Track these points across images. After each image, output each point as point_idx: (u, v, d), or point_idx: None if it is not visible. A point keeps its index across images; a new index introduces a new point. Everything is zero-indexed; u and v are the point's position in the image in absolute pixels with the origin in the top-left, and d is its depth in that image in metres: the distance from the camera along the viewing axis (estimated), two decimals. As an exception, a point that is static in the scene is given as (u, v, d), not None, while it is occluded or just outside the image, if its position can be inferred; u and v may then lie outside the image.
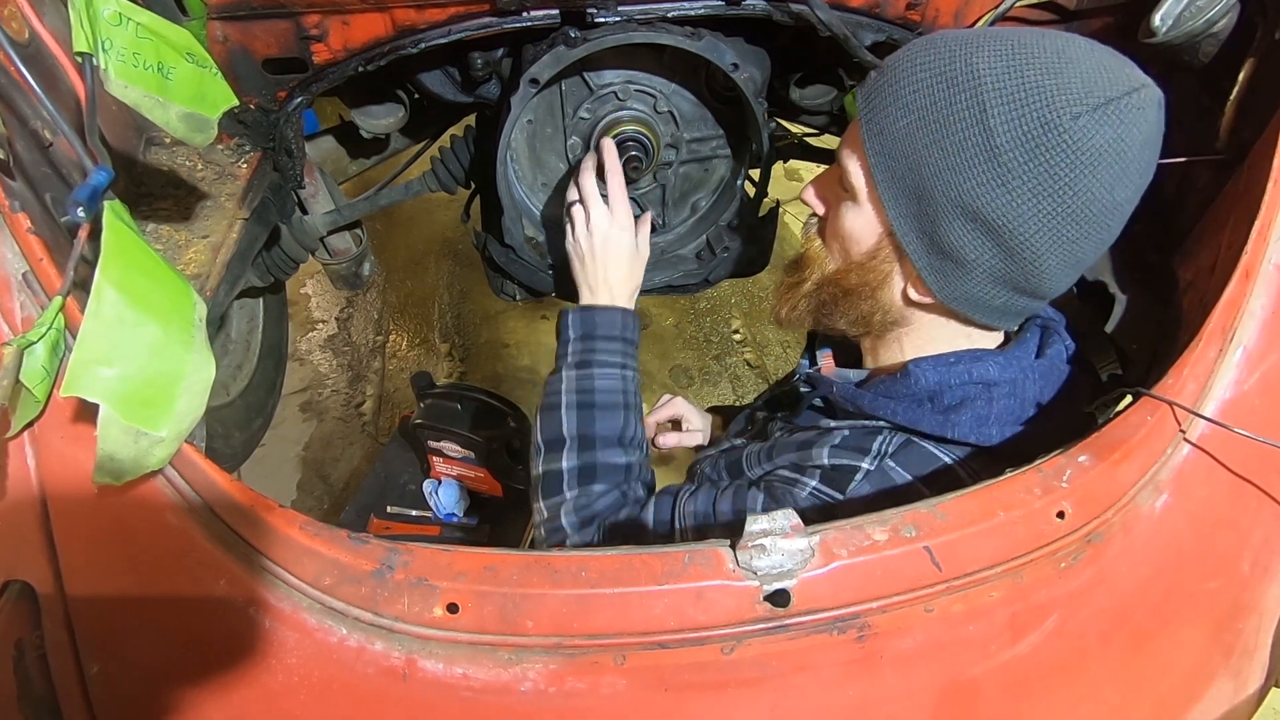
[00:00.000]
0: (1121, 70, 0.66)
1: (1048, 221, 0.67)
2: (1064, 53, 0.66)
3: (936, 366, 0.77)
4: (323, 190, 1.25)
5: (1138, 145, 0.65)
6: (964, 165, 0.67)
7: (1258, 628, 0.74)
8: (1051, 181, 0.65)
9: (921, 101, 0.69)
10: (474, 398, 1.86)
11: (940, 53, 0.69)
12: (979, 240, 0.70)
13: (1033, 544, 0.65)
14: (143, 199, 0.92)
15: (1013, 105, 0.65)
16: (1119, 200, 0.67)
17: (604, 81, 1.14)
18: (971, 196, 0.68)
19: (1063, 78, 0.64)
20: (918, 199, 0.71)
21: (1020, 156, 0.65)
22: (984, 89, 0.66)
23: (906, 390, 0.78)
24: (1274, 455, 0.71)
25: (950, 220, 0.70)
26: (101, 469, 0.57)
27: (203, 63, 0.72)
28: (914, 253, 0.74)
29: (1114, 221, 0.69)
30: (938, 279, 0.74)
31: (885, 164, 0.72)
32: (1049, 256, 0.69)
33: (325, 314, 3.13)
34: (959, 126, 0.67)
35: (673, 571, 0.61)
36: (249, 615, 0.61)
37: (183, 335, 0.62)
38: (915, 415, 0.76)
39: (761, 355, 3.09)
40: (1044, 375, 0.77)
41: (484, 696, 0.60)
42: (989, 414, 0.75)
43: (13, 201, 0.61)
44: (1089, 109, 0.64)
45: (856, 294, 0.81)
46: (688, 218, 1.34)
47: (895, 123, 0.71)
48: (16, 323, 0.61)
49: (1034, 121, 0.64)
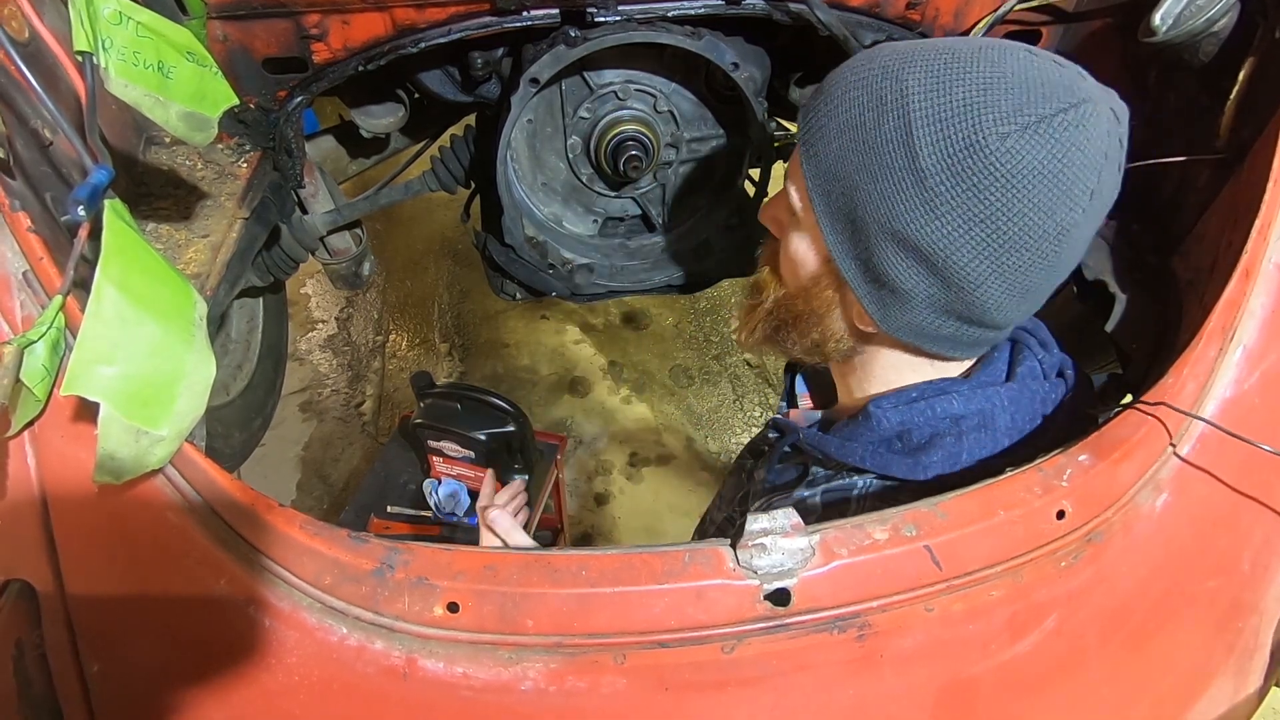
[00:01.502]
0: (1061, 84, 0.61)
1: (983, 250, 0.63)
2: (998, 66, 0.61)
3: (897, 405, 0.73)
4: (322, 190, 1.25)
5: (1079, 165, 0.60)
6: (892, 190, 0.64)
7: (1258, 627, 0.74)
8: (982, 207, 0.61)
9: (852, 122, 0.65)
10: (474, 397, 1.86)
11: (873, 70, 0.66)
12: (913, 269, 0.66)
13: (1033, 543, 0.65)
14: (143, 198, 0.92)
15: (938, 126, 0.61)
16: (1063, 224, 0.62)
17: (604, 81, 1.14)
18: (901, 223, 0.64)
19: (991, 94, 0.60)
20: (851, 225, 0.68)
21: (947, 181, 0.61)
22: (911, 109, 0.62)
23: (870, 434, 0.74)
24: (1274, 455, 0.71)
25: (883, 248, 0.66)
26: (102, 468, 0.57)
27: (203, 62, 0.72)
28: (852, 281, 0.70)
29: (1062, 247, 0.63)
30: (878, 308, 0.70)
31: (821, 188, 0.69)
32: (989, 285, 0.65)
33: (325, 314, 3.13)
34: (886, 149, 0.63)
35: (673, 570, 0.61)
36: (249, 614, 0.61)
37: (183, 334, 0.62)
38: (885, 461, 0.72)
39: (761, 355, 3.09)
40: (1014, 400, 0.72)
41: (484, 696, 0.60)
42: (960, 451, 0.70)
43: (13, 200, 0.61)
44: (1019, 128, 0.59)
45: (805, 321, 0.77)
46: (687, 217, 1.34)
47: (829, 145, 0.67)
48: (17, 322, 0.61)
49: (959, 143, 0.60)
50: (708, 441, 2.79)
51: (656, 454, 2.73)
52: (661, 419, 2.84)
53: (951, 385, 0.74)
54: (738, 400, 2.93)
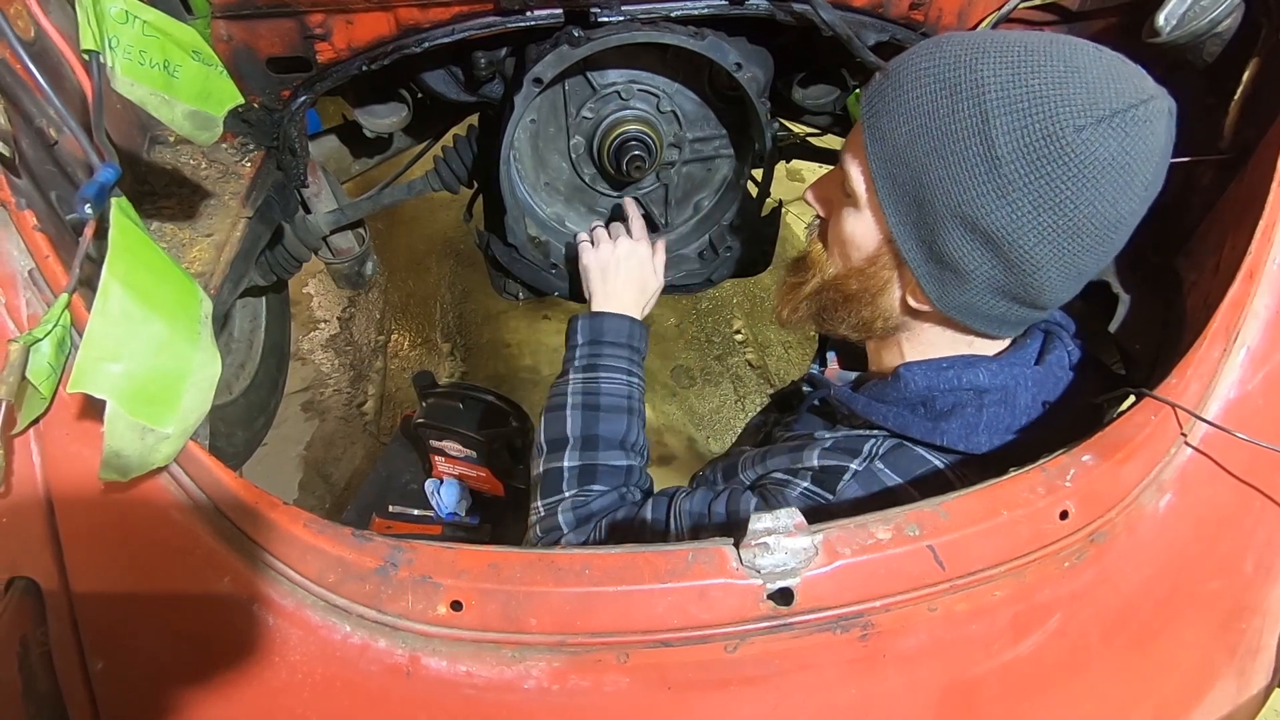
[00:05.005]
0: (1130, 80, 0.64)
1: (1048, 234, 0.66)
2: (1071, 61, 0.64)
3: (927, 371, 0.76)
4: (326, 189, 1.25)
5: (1144, 158, 0.64)
6: (964, 175, 0.66)
7: (1261, 628, 0.74)
8: (1053, 195, 0.64)
9: (924, 108, 0.68)
10: (476, 397, 1.87)
11: (945, 58, 0.68)
12: (978, 251, 0.69)
13: (1036, 543, 0.65)
14: (147, 197, 0.93)
15: (1015, 115, 0.64)
16: (1123, 214, 0.66)
17: (607, 81, 1.14)
18: (971, 207, 0.67)
19: (1068, 88, 0.63)
20: (918, 207, 0.70)
21: (1021, 168, 0.64)
22: (987, 98, 0.65)
23: (897, 395, 0.77)
24: (1277, 456, 0.71)
25: (949, 230, 0.69)
26: (107, 465, 0.57)
27: (208, 61, 0.73)
28: (913, 261, 0.73)
29: (1118, 235, 0.68)
30: (936, 288, 0.73)
31: (886, 171, 0.71)
32: (1049, 269, 0.68)
33: (327, 313, 3.13)
34: (960, 135, 0.66)
35: (676, 570, 0.61)
36: (253, 612, 0.61)
37: (188, 332, 0.63)
38: (905, 421, 0.76)
39: (763, 355, 3.09)
40: (1040, 382, 0.76)
41: (487, 694, 0.60)
42: (978, 422, 0.74)
43: (19, 198, 0.61)
44: (1093, 121, 0.62)
45: (857, 300, 0.80)
46: (690, 217, 1.34)
47: (897, 129, 0.69)
48: (23, 320, 0.61)
49: (1036, 133, 0.63)
50: (709, 442, 2.79)
51: (658, 454, 2.73)
52: (663, 419, 2.84)
53: (981, 360, 0.78)
54: (739, 401, 2.93)
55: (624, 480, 0.90)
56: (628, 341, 0.99)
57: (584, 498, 0.88)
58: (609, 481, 0.89)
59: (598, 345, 0.98)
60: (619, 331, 0.99)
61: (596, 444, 0.91)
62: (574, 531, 0.86)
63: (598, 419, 0.92)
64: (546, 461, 0.92)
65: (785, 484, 0.78)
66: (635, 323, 1.01)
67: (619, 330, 0.99)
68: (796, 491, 0.77)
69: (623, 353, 0.98)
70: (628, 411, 0.94)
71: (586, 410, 0.93)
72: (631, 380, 0.97)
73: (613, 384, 0.95)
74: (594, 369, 0.96)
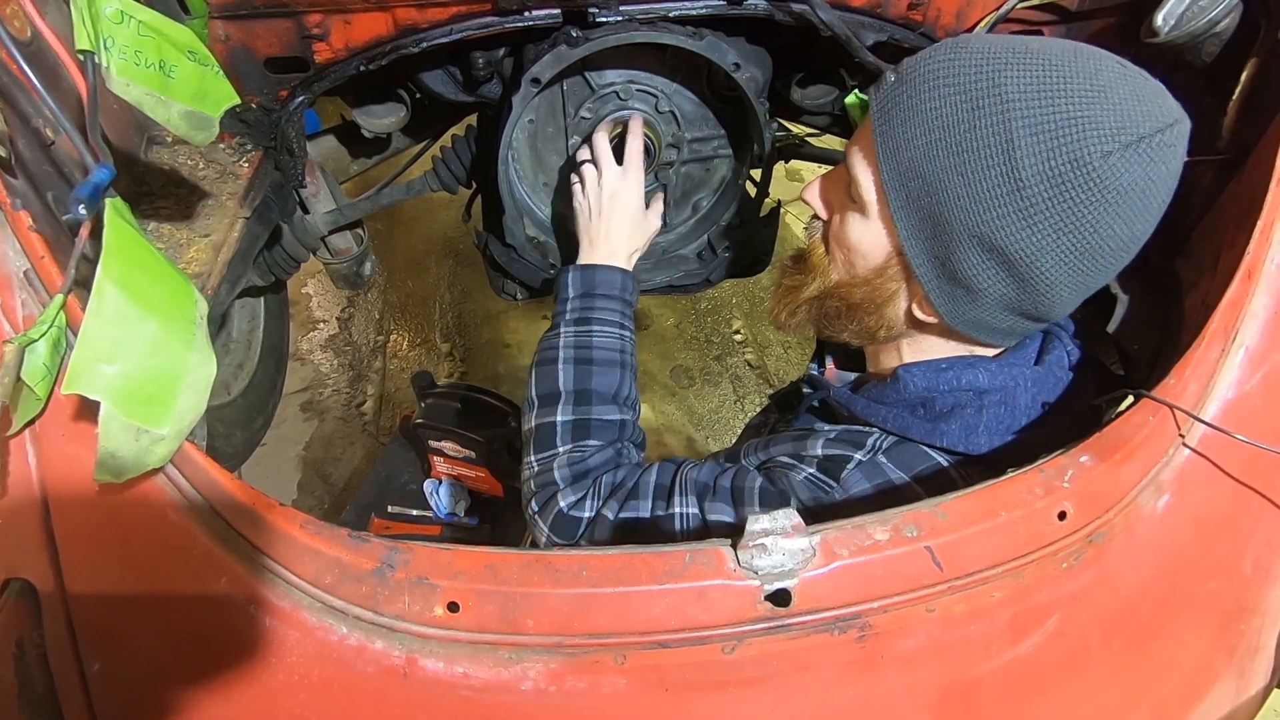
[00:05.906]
0: (1154, 101, 0.63)
1: (1066, 256, 0.66)
2: (1096, 79, 0.63)
3: (926, 373, 0.76)
4: (324, 189, 1.25)
5: (1165, 181, 0.64)
6: (985, 195, 0.65)
7: (1260, 628, 0.74)
8: (1075, 219, 0.64)
9: (942, 121, 0.66)
10: (475, 397, 1.86)
11: (965, 67, 0.66)
12: (993, 270, 0.68)
13: (1034, 544, 0.65)
14: (144, 198, 0.92)
15: (1041, 138, 0.62)
16: (1138, 234, 0.66)
17: (606, 81, 1.14)
18: (990, 228, 0.66)
19: (1095, 110, 0.61)
20: (932, 223, 0.69)
21: (1046, 192, 0.63)
22: (1012, 117, 0.63)
23: (896, 396, 0.77)
24: (1275, 456, 0.71)
25: (965, 249, 0.68)
26: (103, 466, 0.57)
27: (205, 61, 0.72)
28: (924, 276, 0.72)
29: (1129, 254, 0.68)
30: (946, 303, 0.73)
31: (900, 183, 0.69)
32: (1062, 287, 0.68)
33: (326, 313, 3.13)
34: (983, 154, 0.64)
35: (673, 571, 0.61)
36: (250, 613, 0.61)
37: (184, 333, 0.62)
38: (905, 422, 0.75)
39: (762, 355, 3.09)
40: (1039, 383, 0.76)
41: (484, 695, 0.60)
42: (978, 423, 0.73)
43: (14, 199, 0.61)
44: (1120, 146, 0.61)
45: (861, 309, 0.79)
46: (689, 218, 1.34)
47: (913, 140, 0.68)
48: (18, 320, 0.61)
49: (1063, 157, 0.62)
50: (709, 442, 2.79)
51: (658, 454, 2.72)
52: (663, 419, 2.84)
53: (980, 360, 0.77)
54: (739, 401, 2.93)
55: (618, 435, 0.88)
56: (619, 294, 0.97)
57: (580, 453, 0.86)
58: (603, 436, 0.87)
59: (589, 299, 0.96)
60: (610, 284, 0.97)
61: (590, 398, 0.89)
62: (570, 487, 0.84)
63: (590, 373, 0.90)
64: (539, 416, 0.90)
65: (791, 468, 0.78)
66: (627, 275, 0.99)
67: (610, 283, 0.97)
68: (801, 476, 0.76)
69: (615, 305, 0.96)
70: (620, 365, 0.92)
71: (579, 364, 0.91)
72: (624, 334, 0.95)
73: (605, 337, 0.93)
74: (586, 322, 0.94)
